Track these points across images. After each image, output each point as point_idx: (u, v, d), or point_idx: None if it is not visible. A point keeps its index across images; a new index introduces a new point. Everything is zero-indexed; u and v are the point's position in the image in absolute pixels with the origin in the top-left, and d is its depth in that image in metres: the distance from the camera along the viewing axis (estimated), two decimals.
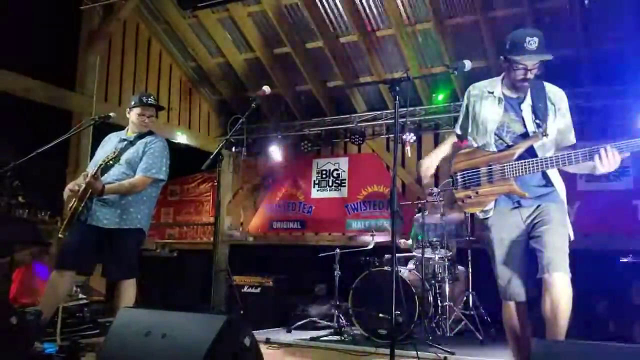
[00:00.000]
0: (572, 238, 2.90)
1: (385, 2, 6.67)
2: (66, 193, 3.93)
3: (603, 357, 2.04)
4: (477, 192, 3.00)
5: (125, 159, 4.02)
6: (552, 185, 2.92)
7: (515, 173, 2.88)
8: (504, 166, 2.91)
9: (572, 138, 2.99)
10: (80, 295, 5.47)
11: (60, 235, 3.94)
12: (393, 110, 7.22)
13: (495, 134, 2.98)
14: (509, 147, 2.95)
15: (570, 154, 2.77)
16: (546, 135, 2.88)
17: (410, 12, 6.81)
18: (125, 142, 4.12)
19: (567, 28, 6.30)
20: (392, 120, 7.50)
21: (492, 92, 3.03)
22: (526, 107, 2.95)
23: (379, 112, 7.81)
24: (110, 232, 3.89)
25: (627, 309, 5.15)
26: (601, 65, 6.46)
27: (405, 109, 6.51)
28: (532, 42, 2.78)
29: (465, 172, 3.07)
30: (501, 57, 2.95)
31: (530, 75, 2.86)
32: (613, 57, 6.40)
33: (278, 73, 7.98)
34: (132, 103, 4.17)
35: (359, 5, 6.95)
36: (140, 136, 4.14)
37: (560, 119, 2.95)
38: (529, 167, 2.85)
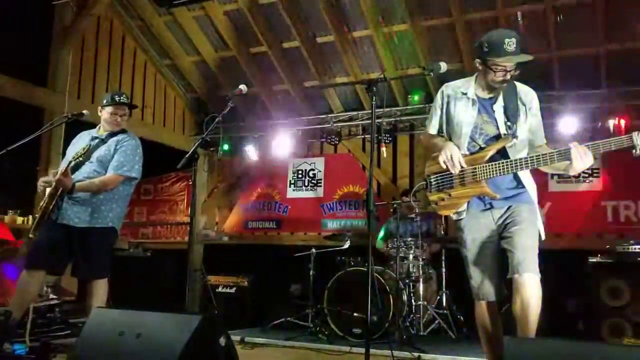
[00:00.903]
0: (544, 237, 2.95)
1: (362, 3, 6.69)
2: (40, 186, 3.86)
3: (575, 355, 2.09)
4: (450, 195, 3.04)
5: (96, 156, 3.97)
6: (523, 186, 2.96)
7: (487, 175, 2.91)
8: (475, 168, 2.94)
9: (542, 137, 3.03)
10: (51, 296, 5.37)
11: (30, 235, 3.87)
12: (369, 111, 7.29)
13: (469, 136, 3.02)
14: (481, 149, 2.98)
15: (539, 156, 2.81)
16: (516, 137, 2.92)
17: (387, 14, 6.85)
18: (97, 140, 4.07)
19: (539, 32, 6.42)
20: (368, 121, 7.54)
21: (466, 94, 3.04)
22: (498, 108, 2.98)
23: (355, 113, 7.85)
24: (81, 231, 3.83)
25: (595, 308, 5.26)
26: (572, 68, 6.59)
27: (381, 110, 6.56)
28: (511, 44, 2.80)
29: (438, 175, 3.09)
30: (477, 59, 2.95)
31: (508, 76, 2.88)
32: (584, 61, 6.54)
33: (254, 72, 7.95)
34: (105, 102, 4.11)
35: (335, 6, 6.96)
36: (112, 134, 4.09)
37: (532, 118, 2.98)
38: (500, 169, 2.88)
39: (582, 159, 2.71)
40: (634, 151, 2.61)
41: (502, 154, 2.93)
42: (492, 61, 2.86)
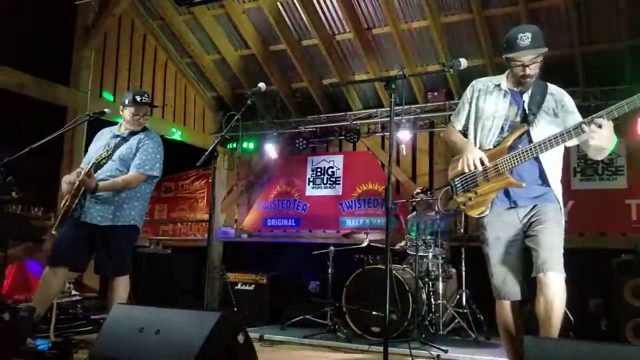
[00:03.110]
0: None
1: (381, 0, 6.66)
2: (64, 185, 3.90)
3: (596, 356, 2.05)
4: (476, 193, 3.02)
5: (118, 155, 4.01)
6: (549, 185, 2.93)
7: (509, 166, 2.90)
8: (497, 162, 2.93)
9: None
10: (73, 292, 5.45)
11: (53, 232, 3.93)
12: (388, 108, 7.24)
13: (499, 129, 2.99)
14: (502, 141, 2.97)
15: (551, 137, 2.78)
16: (531, 125, 2.90)
17: (406, 10, 6.81)
18: (119, 139, 4.10)
19: (562, 27, 6.33)
20: (387, 118, 7.50)
21: (499, 85, 3.04)
22: (526, 97, 2.98)
23: (374, 110, 7.81)
24: (104, 229, 3.88)
25: (619, 308, 5.17)
26: (596, 64, 6.48)
27: (400, 107, 6.51)
28: (525, 38, 2.80)
29: (461, 176, 3.09)
30: (503, 56, 2.96)
31: (529, 71, 2.87)
32: (607, 56, 6.43)
33: (273, 70, 7.96)
34: (126, 101, 4.11)
35: (354, 3, 6.94)
36: (134, 132, 4.12)
37: (568, 116, 2.93)
38: (521, 157, 2.87)
39: (595, 132, 2.65)
40: None
41: (526, 144, 2.91)
42: (508, 57, 2.88)
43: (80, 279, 5.88)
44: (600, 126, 2.65)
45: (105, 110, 4.26)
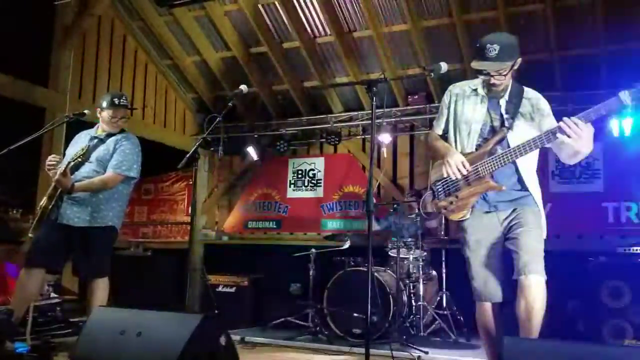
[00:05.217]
0: (544, 236, 2.95)
1: (362, 3, 6.69)
2: (49, 164, 3.83)
3: (574, 356, 2.09)
4: (457, 197, 3.04)
5: (95, 156, 3.99)
6: (528, 190, 2.97)
7: (488, 170, 2.93)
8: (477, 166, 2.96)
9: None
10: (52, 294, 5.38)
11: (30, 235, 3.89)
12: (369, 111, 7.30)
13: (478, 134, 3.02)
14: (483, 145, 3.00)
15: (530, 141, 2.82)
16: (510, 129, 2.93)
17: (387, 14, 6.85)
18: (96, 140, 4.08)
19: (540, 32, 6.42)
20: (368, 121, 7.54)
21: (476, 90, 3.07)
22: (503, 103, 3.01)
23: (355, 113, 7.85)
24: (81, 231, 3.85)
25: (596, 309, 5.26)
26: (573, 69, 6.59)
27: (381, 110, 6.55)
28: (492, 50, 2.81)
29: (443, 180, 3.11)
30: (471, 64, 2.99)
31: (494, 81, 2.91)
32: (585, 61, 6.54)
33: (255, 72, 7.95)
34: (104, 104, 4.09)
35: (335, 6, 6.96)
36: (111, 134, 4.11)
37: (545, 119, 2.95)
38: (500, 161, 2.90)
39: (574, 131, 2.70)
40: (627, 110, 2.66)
41: (505, 147, 2.95)
42: (474, 66, 2.91)
43: (60, 281, 5.81)
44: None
45: (85, 111, 4.22)
